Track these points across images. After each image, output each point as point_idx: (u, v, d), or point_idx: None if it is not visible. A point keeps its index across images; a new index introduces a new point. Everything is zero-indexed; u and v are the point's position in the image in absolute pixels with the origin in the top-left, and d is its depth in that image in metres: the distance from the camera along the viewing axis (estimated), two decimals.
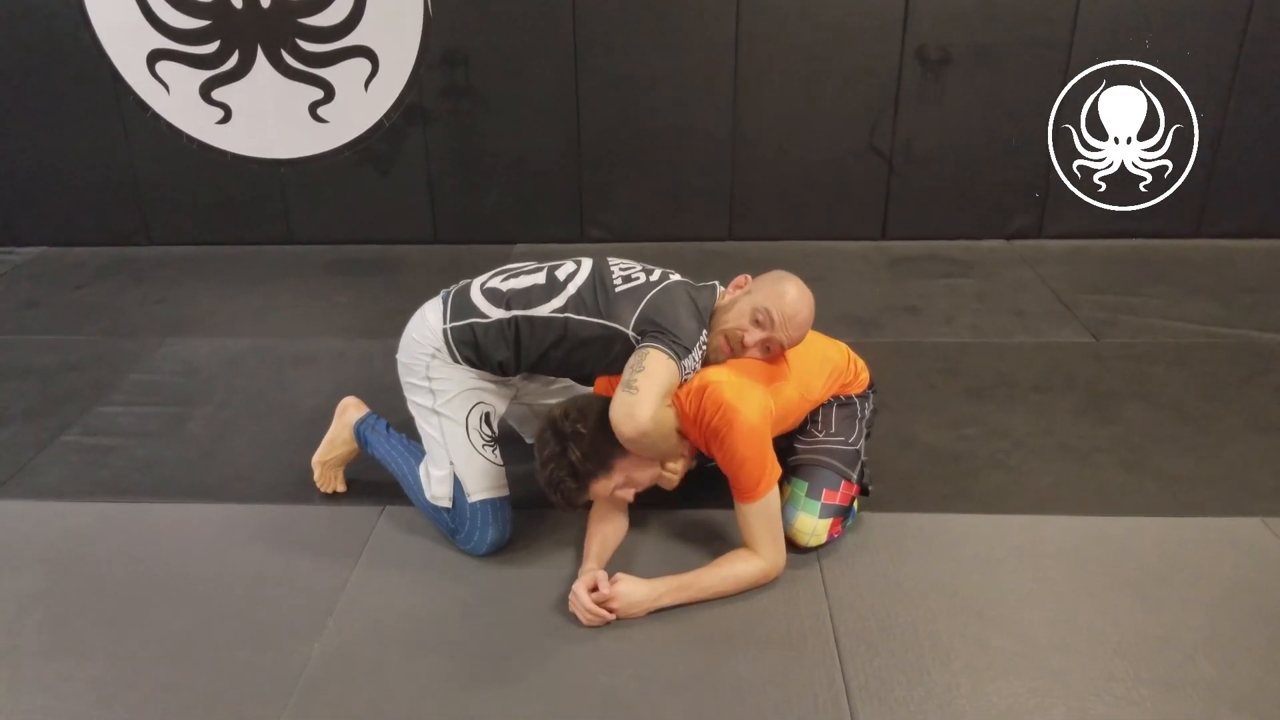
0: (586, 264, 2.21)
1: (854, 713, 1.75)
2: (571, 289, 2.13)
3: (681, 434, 2.09)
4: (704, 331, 2.07)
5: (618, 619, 1.97)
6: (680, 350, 2.00)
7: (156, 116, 4.05)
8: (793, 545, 2.15)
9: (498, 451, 2.20)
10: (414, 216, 4.24)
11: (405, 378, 2.22)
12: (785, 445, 2.30)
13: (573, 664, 1.89)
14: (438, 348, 2.15)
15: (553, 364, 2.17)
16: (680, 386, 2.05)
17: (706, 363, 2.10)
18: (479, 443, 2.17)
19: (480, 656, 1.91)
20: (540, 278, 2.18)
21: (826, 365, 2.31)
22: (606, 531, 2.18)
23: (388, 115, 4.04)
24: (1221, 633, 1.92)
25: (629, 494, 2.14)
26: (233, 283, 3.91)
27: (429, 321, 2.18)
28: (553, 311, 2.11)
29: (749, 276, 2.19)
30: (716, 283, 2.23)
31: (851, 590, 2.07)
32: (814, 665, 1.86)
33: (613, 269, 2.18)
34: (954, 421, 2.74)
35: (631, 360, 1.99)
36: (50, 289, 3.88)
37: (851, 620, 1.98)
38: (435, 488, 2.18)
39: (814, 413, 2.33)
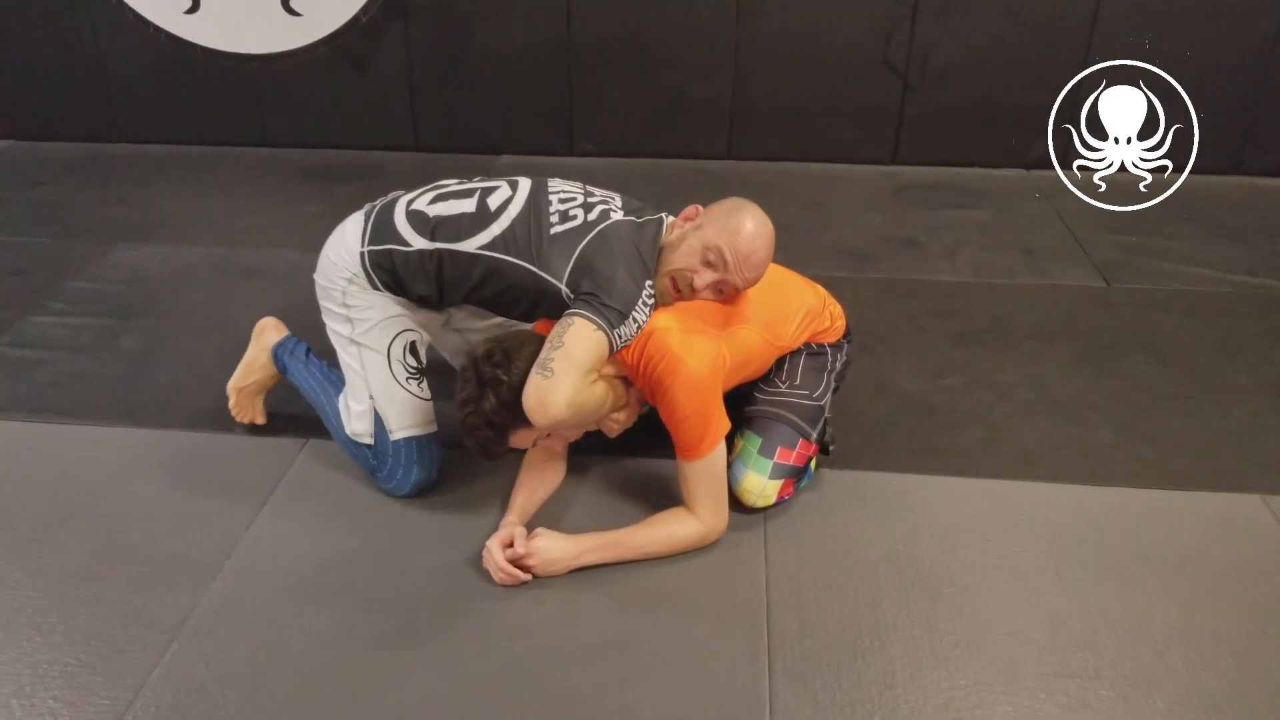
0: (523, 190, 1.95)
1: (773, 697, 1.59)
2: (504, 222, 1.88)
3: (627, 382, 1.90)
4: (647, 285, 1.83)
5: (536, 578, 1.82)
6: (613, 317, 1.76)
7: (122, 4, 3.81)
8: (739, 505, 1.97)
9: (424, 385, 2.03)
10: (394, 121, 4.00)
11: (323, 301, 2.02)
12: (745, 393, 2.11)
13: (479, 627, 1.73)
14: (355, 272, 1.94)
15: (480, 304, 1.97)
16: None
17: (655, 307, 1.88)
18: (402, 375, 1.98)
19: (381, 612, 1.76)
20: (470, 205, 1.93)
21: (800, 308, 2.09)
22: (536, 482, 2.00)
23: (365, 9, 3.76)
24: (1199, 625, 1.73)
25: (556, 444, 1.96)
26: (200, 186, 3.72)
27: (348, 241, 1.95)
28: (479, 248, 1.87)
29: (699, 207, 1.94)
30: (664, 215, 1.99)
31: (795, 557, 1.89)
32: (739, 641, 1.70)
33: (551, 199, 1.93)
34: (937, 369, 2.52)
35: (554, 331, 1.76)
36: (9, 186, 3.71)
37: (789, 592, 1.80)
38: (355, 423, 2.01)
39: (779, 360, 2.12)
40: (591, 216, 1.89)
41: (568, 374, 1.70)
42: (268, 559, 1.89)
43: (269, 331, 2.23)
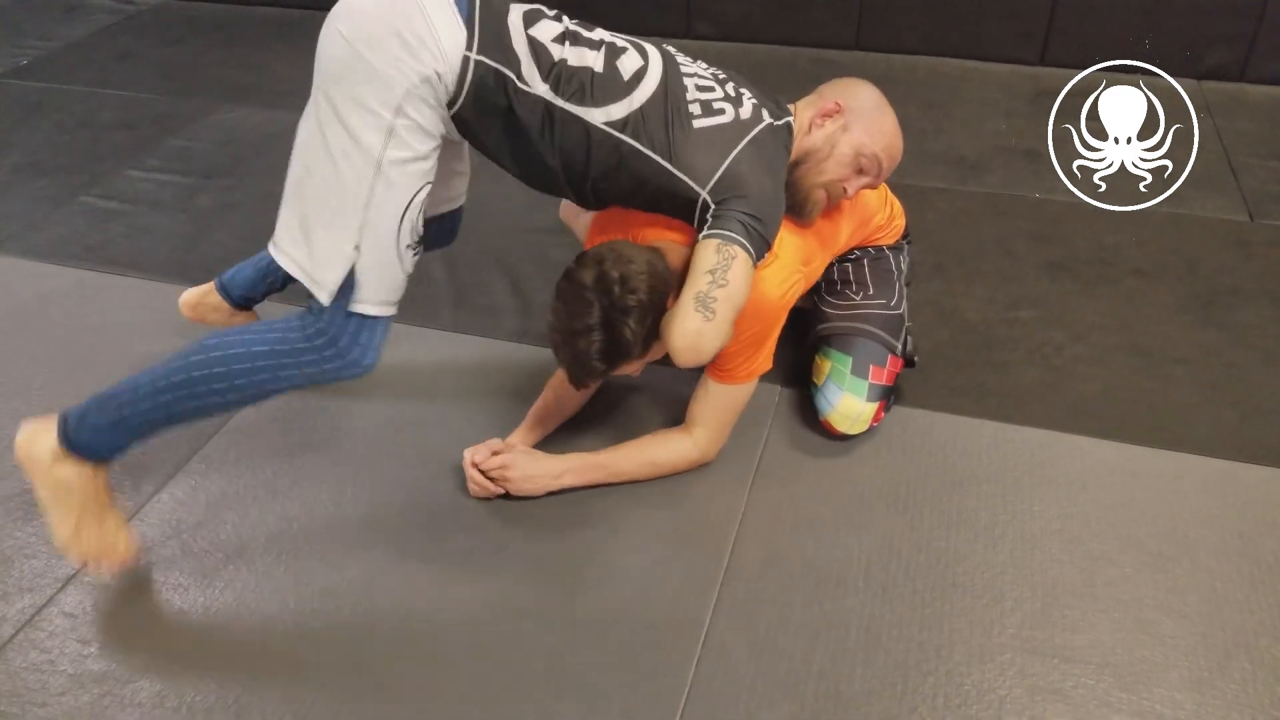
0: (655, 63, 1.57)
1: (710, 632, 1.50)
2: (638, 98, 1.52)
3: None
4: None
5: (514, 496, 1.72)
6: (762, 250, 1.54)
7: None
8: (829, 432, 1.84)
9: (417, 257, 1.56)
10: None
11: (354, 86, 1.39)
12: (812, 310, 1.96)
13: (437, 518, 1.71)
14: (439, 74, 1.41)
15: (574, 186, 1.60)
16: None
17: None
18: (406, 240, 1.48)
19: (350, 491, 1.77)
20: (597, 61, 1.51)
21: (857, 205, 1.88)
22: (563, 395, 1.85)
23: None
24: (1226, 623, 1.50)
25: (637, 370, 1.71)
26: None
27: (437, 28, 1.41)
28: (607, 124, 1.50)
29: (839, 102, 1.68)
30: (791, 117, 1.68)
31: (783, 486, 1.77)
32: (695, 568, 1.61)
33: (687, 84, 1.57)
34: (1013, 300, 2.27)
35: (712, 259, 1.49)
36: (147, 43, 3.87)
37: (765, 522, 1.69)
38: (321, 267, 1.43)
39: (844, 270, 1.96)
40: (744, 114, 1.59)
41: (728, 319, 1.51)
42: (257, 430, 1.92)
43: (39, 438, 1.49)
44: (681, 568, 1.61)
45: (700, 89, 1.58)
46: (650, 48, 1.61)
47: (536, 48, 1.49)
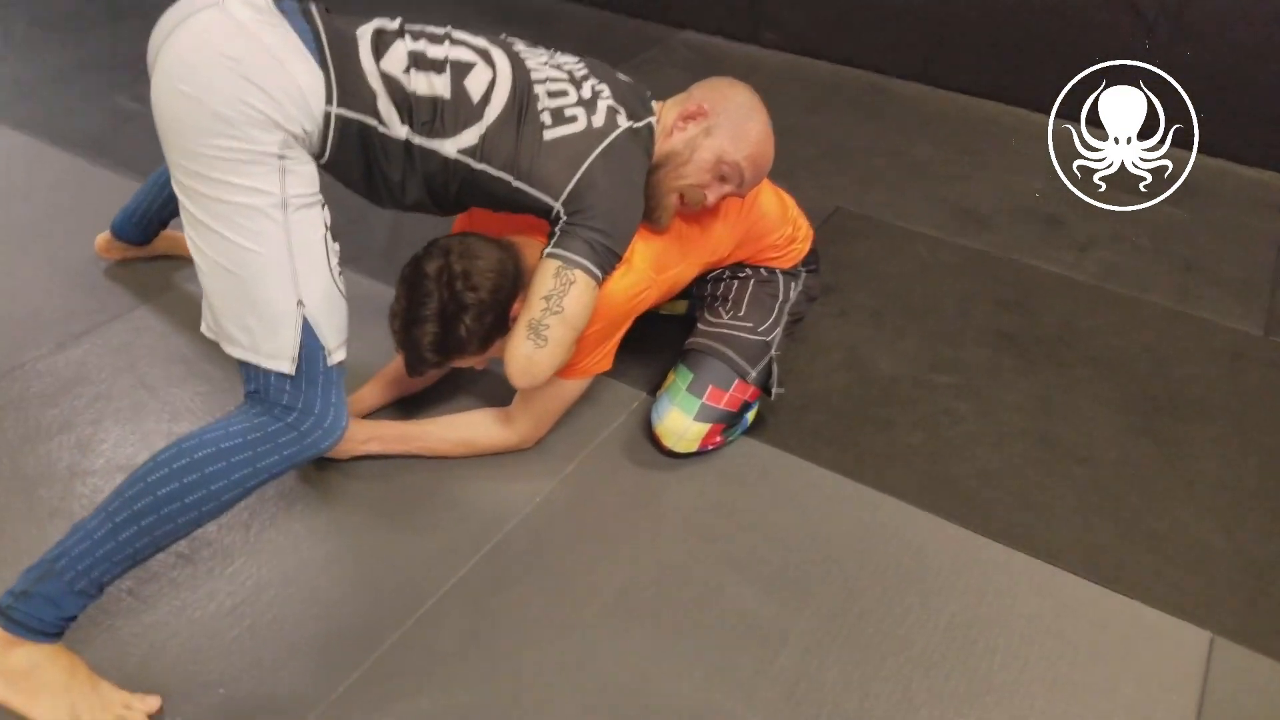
0: (503, 73, 1.52)
1: (441, 604, 1.49)
2: (487, 119, 1.48)
3: None
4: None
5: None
6: (608, 264, 1.53)
7: None
8: (656, 446, 1.80)
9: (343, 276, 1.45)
10: None
11: (220, 139, 1.26)
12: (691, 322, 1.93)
13: None
14: (307, 130, 1.36)
15: (430, 203, 1.59)
16: None
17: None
18: (334, 262, 1.40)
19: (180, 411, 1.85)
20: (444, 86, 1.46)
21: (746, 216, 1.83)
22: (402, 374, 1.83)
23: None
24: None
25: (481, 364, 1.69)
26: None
27: (301, 84, 1.34)
28: (459, 151, 1.48)
29: (704, 105, 1.63)
30: (653, 117, 1.64)
31: (590, 481, 1.74)
32: (458, 541, 1.61)
33: (536, 90, 1.53)
34: (940, 362, 2.12)
35: (549, 284, 1.49)
36: None
37: (554, 512, 1.67)
38: (269, 341, 1.32)
39: (728, 287, 1.91)
40: (596, 121, 1.54)
41: (561, 343, 1.53)
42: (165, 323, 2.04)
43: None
44: (443, 540, 1.61)
45: (552, 95, 1.54)
46: (498, 53, 1.54)
47: (389, 84, 1.43)
